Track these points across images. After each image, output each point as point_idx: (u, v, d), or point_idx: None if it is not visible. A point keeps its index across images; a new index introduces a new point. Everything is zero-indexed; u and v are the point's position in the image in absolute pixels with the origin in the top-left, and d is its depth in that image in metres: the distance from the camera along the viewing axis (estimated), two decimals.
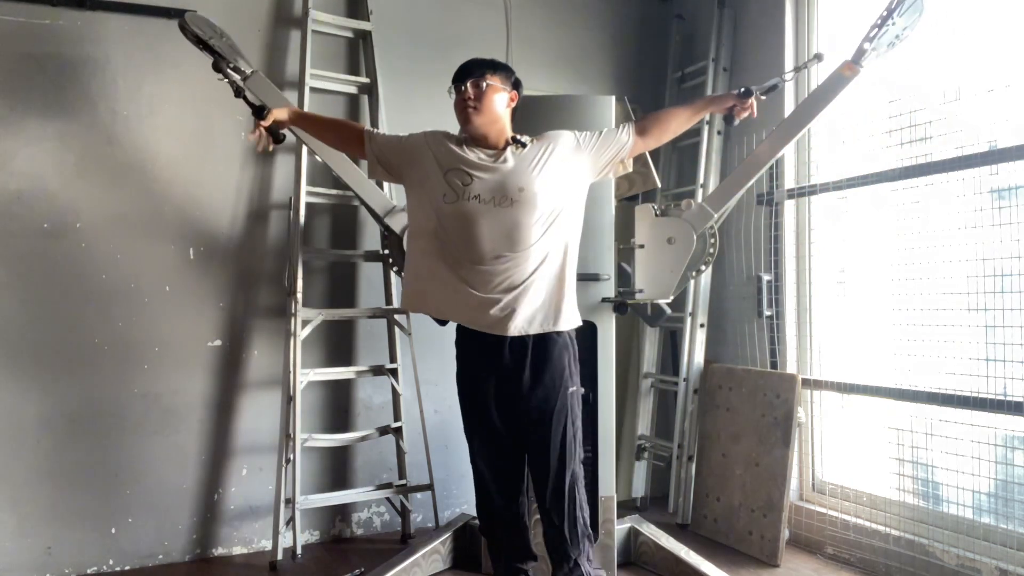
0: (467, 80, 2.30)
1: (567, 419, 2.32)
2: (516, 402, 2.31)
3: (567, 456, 2.32)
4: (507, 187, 2.26)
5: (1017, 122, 2.54)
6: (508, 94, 2.36)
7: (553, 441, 2.30)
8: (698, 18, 3.99)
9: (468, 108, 2.29)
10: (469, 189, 2.26)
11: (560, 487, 2.31)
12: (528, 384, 2.29)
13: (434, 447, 3.39)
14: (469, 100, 2.28)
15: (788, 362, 3.37)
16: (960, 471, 2.70)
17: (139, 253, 3.09)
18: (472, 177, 2.27)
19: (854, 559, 3.01)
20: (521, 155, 2.31)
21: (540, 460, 2.33)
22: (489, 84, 2.29)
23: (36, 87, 2.94)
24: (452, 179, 2.28)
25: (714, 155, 3.73)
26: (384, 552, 3.11)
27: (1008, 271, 2.57)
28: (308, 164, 3.23)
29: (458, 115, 2.33)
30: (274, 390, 3.27)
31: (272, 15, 3.33)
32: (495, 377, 2.32)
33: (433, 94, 3.53)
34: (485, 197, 2.25)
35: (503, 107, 2.34)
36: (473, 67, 2.32)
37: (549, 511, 2.34)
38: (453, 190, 2.27)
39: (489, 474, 2.42)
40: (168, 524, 3.12)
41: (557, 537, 2.35)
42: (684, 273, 2.81)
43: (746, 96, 2.42)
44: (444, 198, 2.27)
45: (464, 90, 2.29)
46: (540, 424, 2.30)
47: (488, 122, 2.30)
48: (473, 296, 2.25)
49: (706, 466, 3.50)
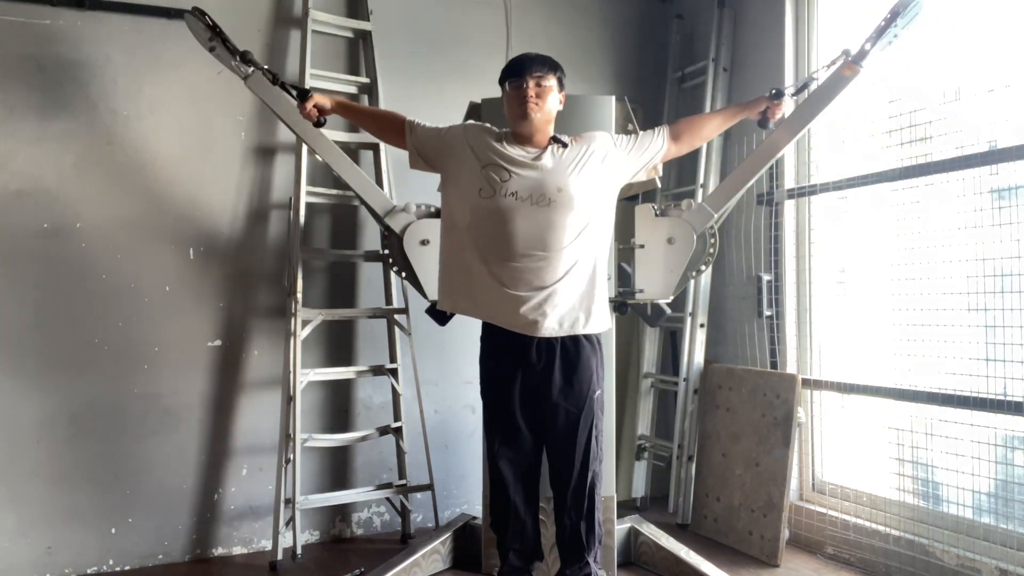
0: (528, 75, 2.27)
1: (593, 422, 2.34)
2: (543, 403, 2.32)
3: (590, 457, 2.34)
4: (545, 186, 2.25)
5: (1017, 122, 2.54)
6: (560, 95, 2.38)
7: (579, 443, 2.32)
8: (698, 18, 3.99)
9: (529, 104, 2.26)
10: (506, 185, 2.25)
11: (581, 487, 2.34)
12: (558, 386, 2.30)
13: (434, 447, 3.39)
14: (531, 97, 2.26)
15: (788, 362, 3.37)
16: (960, 471, 2.69)
17: (139, 253, 3.09)
18: (510, 174, 2.26)
19: (854, 559, 3.01)
20: (561, 156, 2.31)
21: (564, 461, 2.34)
22: (551, 84, 2.29)
23: (36, 87, 2.94)
24: (490, 174, 2.27)
25: (714, 155, 3.73)
26: (384, 552, 3.11)
27: (1008, 271, 2.57)
28: (308, 164, 3.23)
29: (512, 109, 2.30)
30: (274, 390, 3.27)
31: (272, 15, 3.33)
32: (522, 377, 2.32)
33: (433, 94, 3.55)
34: (522, 195, 2.24)
35: (556, 107, 2.35)
36: (534, 63, 2.29)
37: (568, 509, 2.37)
38: (490, 185, 2.26)
39: (509, 473, 2.42)
40: (168, 524, 3.12)
41: (573, 535, 2.37)
42: (684, 273, 2.81)
43: (778, 97, 2.48)
44: (480, 192, 2.26)
45: (525, 86, 2.26)
46: (567, 426, 2.32)
47: (544, 121, 2.31)
48: (505, 294, 2.25)
49: (706, 466, 3.50)
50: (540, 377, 2.30)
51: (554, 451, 2.38)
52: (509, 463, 2.41)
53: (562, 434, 2.33)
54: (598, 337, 2.38)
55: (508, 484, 2.42)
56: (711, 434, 3.50)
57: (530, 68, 2.28)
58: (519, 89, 2.27)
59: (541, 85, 2.27)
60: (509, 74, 2.31)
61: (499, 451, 2.41)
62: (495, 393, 2.39)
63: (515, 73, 2.29)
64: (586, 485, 2.34)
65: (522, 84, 2.27)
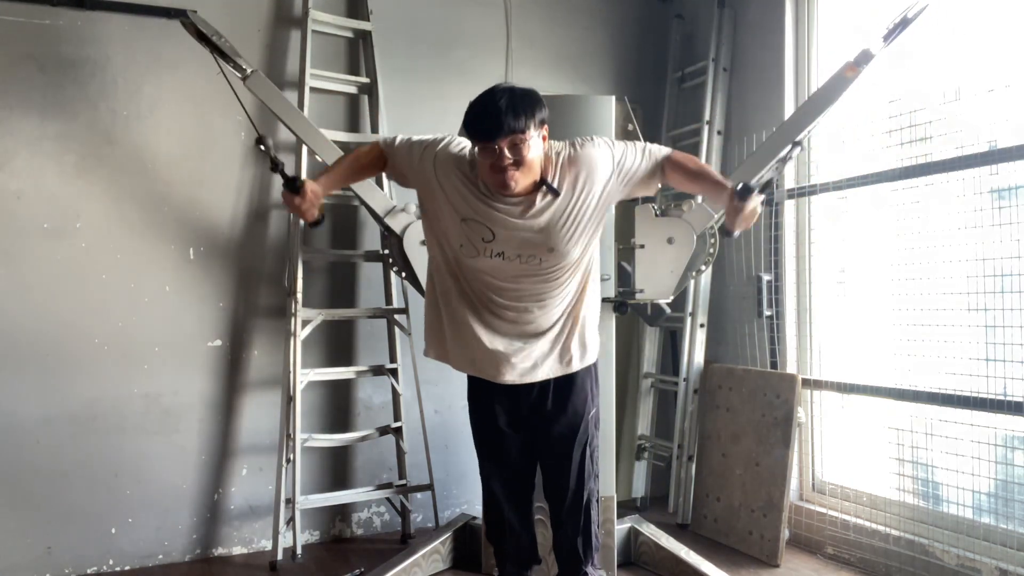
0: (500, 139, 1.81)
1: (587, 441, 2.26)
2: (534, 427, 2.25)
3: (585, 476, 2.27)
4: (536, 246, 1.96)
5: (1017, 122, 2.54)
6: (543, 137, 1.92)
7: (573, 463, 2.25)
8: (698, 18, 3.99)
9: (508, 177, 1.84)
10: (490, 247, 1.96)
11: (577, 505, 2.28)
12: (550, 413, 2.21)
13: (434, 447, 3.39)
14: (508, 167, 1.83)
15: (788, 362, 3.37)
16: (960, 471, 2.69)
17: (139, 253, 3.09)
18: (493, 234, 1.94)
19: (854, 559, 3.01)
20: (552, 207, 1.94)
21: (560, 480, 2.28)
22: (529, 136, 1.83)
23: (36, 87, 2.94)
24: (471, 232, 1.96)
25: (714, 155, 3.72)
26: (384, 552, 3.11)
27: (1008, 271, 2.57)
28: (308, 164, 3.23)
29: (489, 180, 1.89)
30: (274, 390, 3.27)
31: (272, 15, 3.33)
32: (513, 403, 2.23)
33: (433, 94, 3.55)
34: (510, 254, 1.97)
35: (540, 155, 1.91)
36: (503, 125, 1.80)
37: (564, 524, 2.31)
38: (472, 244, 1.97)
39: (502, 492, 2.36)
40: (168, 524, 3.12)
41: (569, 549, 2.32)
42: (684, 273, 2.81)
43: (744, 195, 1.82)
44: (462, 249, 2.00)
45: (499, 152, 1.82)
46: (561, 448, 2.25)
47: (529, 180, 1.90)
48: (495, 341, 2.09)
49: (706, 466, 3.50)
50: (532, 407, 2.21)
51: (549, 470, 2.32)
52: (502, 482, 2.35)
53: (556, 455, 2.27)
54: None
55: (502, 502, 2.36)
56: (711, 434, 3.50)
57: (500, 131, 1.80)
58: (491, 155, 1.83)
59: (518, 145, 1.82)
60: (476, 135, 1.85)
61: (491, 471, 2.35)
62: (484, 416, 2.30)
63: (483, 136, 1.83)
64: (582, 503, 2.28)
65: (494, 150, 1.82)
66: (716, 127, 3.73)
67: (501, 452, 2.31)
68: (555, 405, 2.20)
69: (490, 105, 1.83)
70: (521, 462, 2.33)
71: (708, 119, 3.71)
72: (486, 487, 2.39)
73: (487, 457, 2.35)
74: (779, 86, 3.44)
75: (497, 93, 1.86)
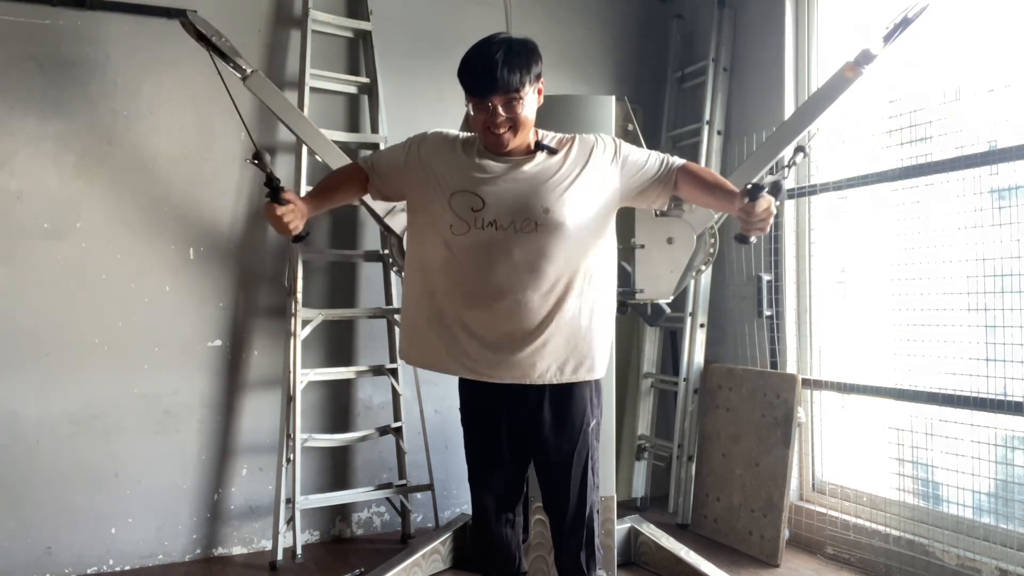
0: (493, 96, 1.77)
1: (588, 454, 2.15)
2: (531, 439, 2.14)
3: (587, 489, 2.17)
4: (530, 207, 1.85)
5: (1017, 122, 2.54)
6: (538, 92, 1.87)
7: (574, 477, 2.14)
8: (698, 18, 3.99)
9: (501, 136, 1.81)
10: (481, 215, 1.84)
11: (579, 519, 2.20)
12: (548, 424, 2.08)
13: (434, 447, 3.39)
14: (501, 124, 1.80)
15: (788, 362, 3.37)
16: (960, 471, 2.70)
17: (139, 253, 3.09)
18: (483, 200, 1.85)
19: (854, 559, 3.01)
20: (548, 166, 1.88)
21: (560, 494, 2.18)
22: (523, 94, 1.79)
23: (36, 87, 2.94)
24: (459, 205, 1.86)
25: (714, 155, 3.72)
26: (384, 552, 3.11)
27: (1008, 271, 2.57)
28: (308, 164, 3.22)
29: (479, 131, 1.86)
30: (274, 390, 3.27)
31: (272, 15, 3.33)
32: (506, 415, 2.11)
33: (433, 94, 3.55)
34: (503, 222, 1.85)
35: (534, 111, 1.87)
36: (498, 79, 1.75)
37: (566, 537, 2.22)
38: (462, 219, 1.86)
39: (492, 505, 2.25)
40: (168, 524, 3.12)
41: (571, 563, 2.27)
42: (684, 273, 2.81)
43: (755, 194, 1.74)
44: (452, 229, 1.87)
45: (492, 109, 1.78)
46: (560, 461, 2.13)
47: (524, 138, 1.87)
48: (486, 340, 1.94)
49: (706, 466, 3.50)
50: (528, 415, 2.08)
51: (547, 484, 2.21)
52: (492, 496, 2.23)
53: (555, 469, 2.15)
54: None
55: (490, 516, 2.25)
56: (711, 434, 3.50)
57: (495, 87, 1.76)
58: (484, 112, 1.80)
59: (513, 103, 1.79)
60: (469, 90, 1.81)
61: (481, 481, 2.24)
62: (478, 434, 2.19)
63: (476, 92, 1.79)
64: (584, 517, 2.18)
65: (487, 107, 1.79)
66: (716, 127, 3.73)
67: (493, 461, 2.21)
68: (553, 418, 2.09)
69: (486, 59, 1.77)
70: (514, 471, 2.23)
71: (708, 119, 3.71)
72: (475, 499, 2.28)
73: (476, 463, 2.25)
74: (779, 86, 3.45)
75: (494, 45, 1.80)
